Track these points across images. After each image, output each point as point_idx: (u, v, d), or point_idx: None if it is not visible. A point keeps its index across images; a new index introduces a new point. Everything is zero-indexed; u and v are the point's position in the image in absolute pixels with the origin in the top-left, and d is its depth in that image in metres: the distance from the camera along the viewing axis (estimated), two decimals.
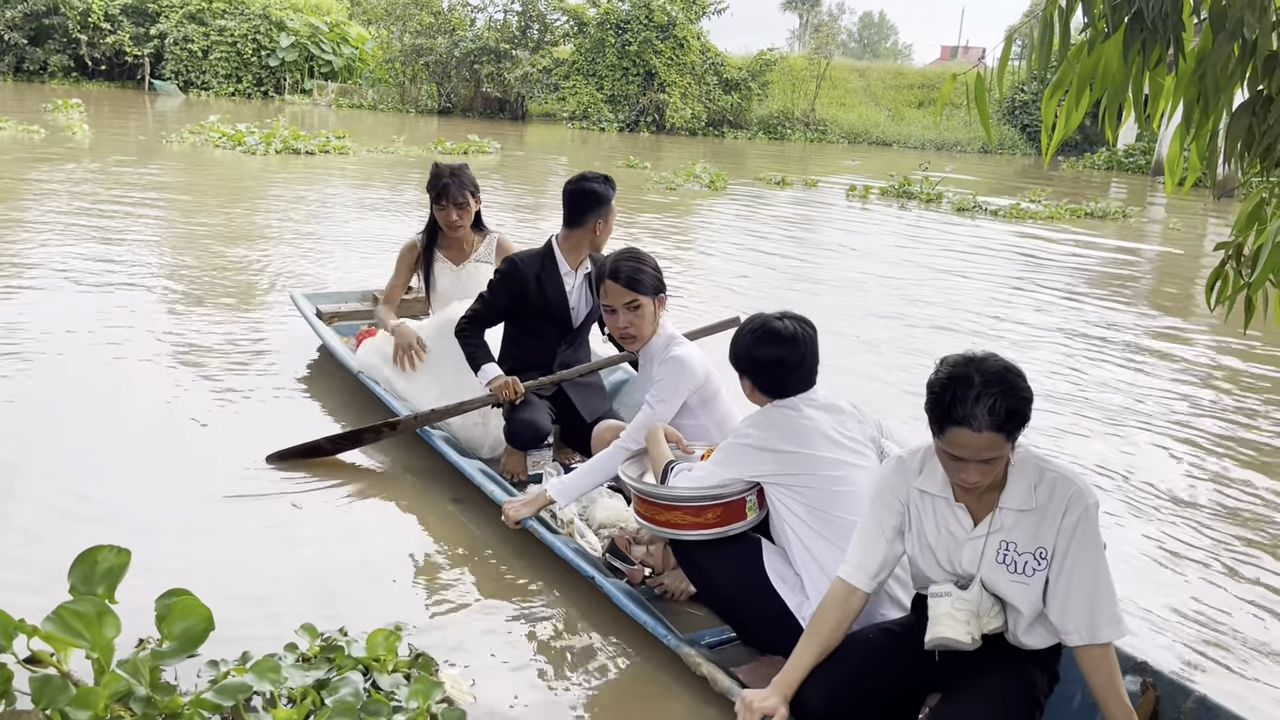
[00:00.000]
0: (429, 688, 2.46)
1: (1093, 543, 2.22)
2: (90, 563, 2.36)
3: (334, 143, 16.52)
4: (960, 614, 2.27)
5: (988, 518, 2.28)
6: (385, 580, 3.26)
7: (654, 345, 3.46)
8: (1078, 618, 2.21)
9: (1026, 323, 7.78)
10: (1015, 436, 2.17)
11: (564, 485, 3.37)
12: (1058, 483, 2.23)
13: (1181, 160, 2.47)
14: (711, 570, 2.80)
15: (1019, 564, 2.26)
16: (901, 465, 2.41)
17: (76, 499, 3.57)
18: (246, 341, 5.61)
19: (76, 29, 30.30)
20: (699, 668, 2.63)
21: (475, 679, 2.70)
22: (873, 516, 2.43)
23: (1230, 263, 2.57)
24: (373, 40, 32.72)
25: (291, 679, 2.43)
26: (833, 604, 2.40)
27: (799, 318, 2.83)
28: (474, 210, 4.69)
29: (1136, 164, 27.91)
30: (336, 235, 9.20)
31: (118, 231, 8.47)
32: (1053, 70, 2.26)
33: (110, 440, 4.13)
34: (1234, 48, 2.14)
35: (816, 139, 31.90)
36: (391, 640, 2.63)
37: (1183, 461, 4.86)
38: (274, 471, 3.99)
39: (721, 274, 8.86)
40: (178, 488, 3.76)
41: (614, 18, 30.23)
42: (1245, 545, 3.95)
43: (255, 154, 15.34)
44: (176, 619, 2.36)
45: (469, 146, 18.43)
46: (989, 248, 11.69)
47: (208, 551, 3.31)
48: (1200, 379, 6.40)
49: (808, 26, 61.68)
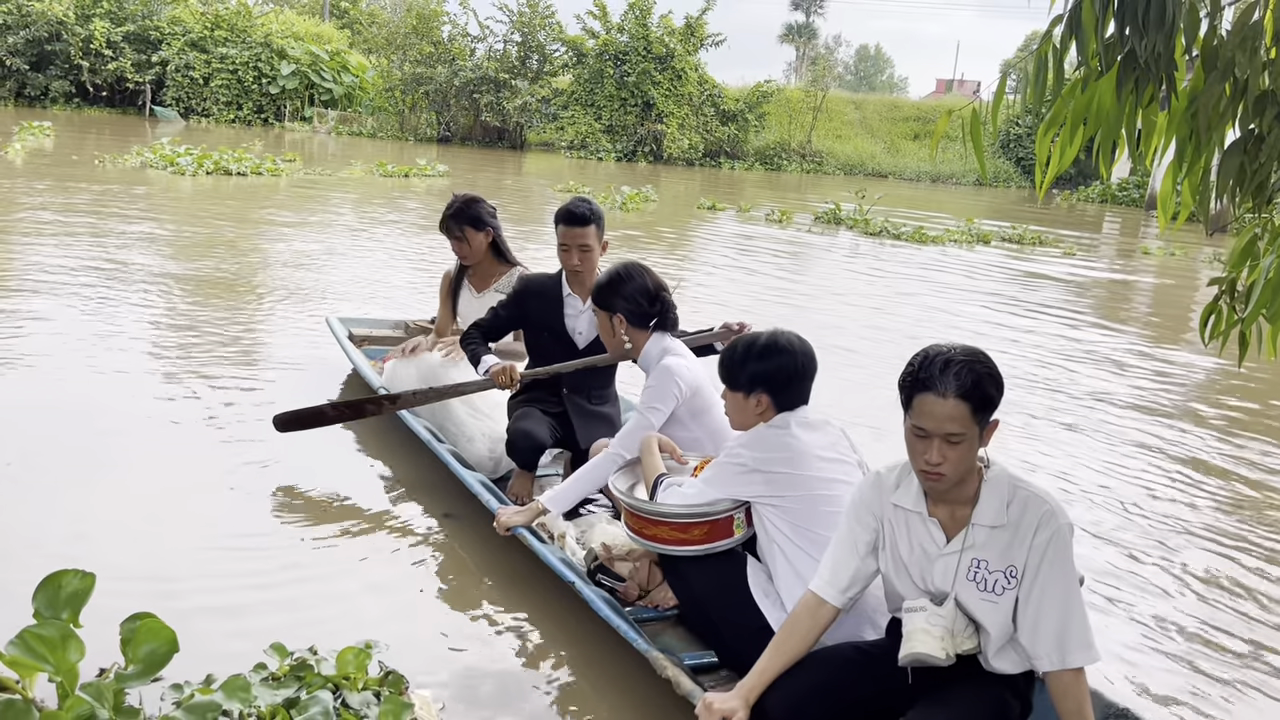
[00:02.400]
0: (399, 708, 2.46)
1: (1064, 564, 2.22)
2: (54, 587, 2.34)
3: (269, 165, 16.56)
4: (935, 629, 2.26)
5: (960, 534, 2.28)
6: (361, 597, 3.25)
7: (650, 354, 3.52)
8: (1048, 640, 2.20)
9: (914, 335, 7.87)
10: (983, 420, 2.18)
11: (555, 493, 3.41)
12: (1030, 501, 2.24)
13: (1174, 196, 2.50)
14: (694, 582, 2.82)
15: (989, 582, 2.26)
16: (878, 480, 2.42)
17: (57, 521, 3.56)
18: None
19: (78, 55, 30.52)
20: (665, 670, 2.62)
21: (445, 701, 2.70)
22: (847, 531, 2.44)
23: (1224, 298, 2.59)
24: (373, 69, 32.99)
25: (261, 698, 2.42)
26: (802, 615, 2.41)
27: (793, 333, 2.88)
28: (480, 241, 4.71)
29: (1130, 197, 28.16)
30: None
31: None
32: (1047, 106, 2.29)
33: (83, 457, 4.13)
34: (1225, 87, 2.18)
35: (813, 170, 32.13)
36: (361, 658, 2.61)
37: (1174, 498, 4.86)
38: (260, 481, 4.04)
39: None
40: (160, 506, 3.75)
41: (613, 49, 30.53)
42: (1235, 586, 3.94)
43: (184, 174, 15.41)
44: (141, 642, 2.34)
45: (410, 170, 18.68)
46: (887, 270, 11.93)
47: (183, 567, 3.31)
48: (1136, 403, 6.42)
49: (804, 59, 62.39)
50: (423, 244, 10.59)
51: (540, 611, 3.27)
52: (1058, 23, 2.18)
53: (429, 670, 2.86)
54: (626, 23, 30.66)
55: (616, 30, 30.75)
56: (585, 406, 4.10)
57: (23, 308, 6.49)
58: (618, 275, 3.55)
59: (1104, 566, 3.92)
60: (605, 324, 3.60)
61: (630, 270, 3.56)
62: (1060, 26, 2.18)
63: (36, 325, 6.11)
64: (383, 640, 2.74)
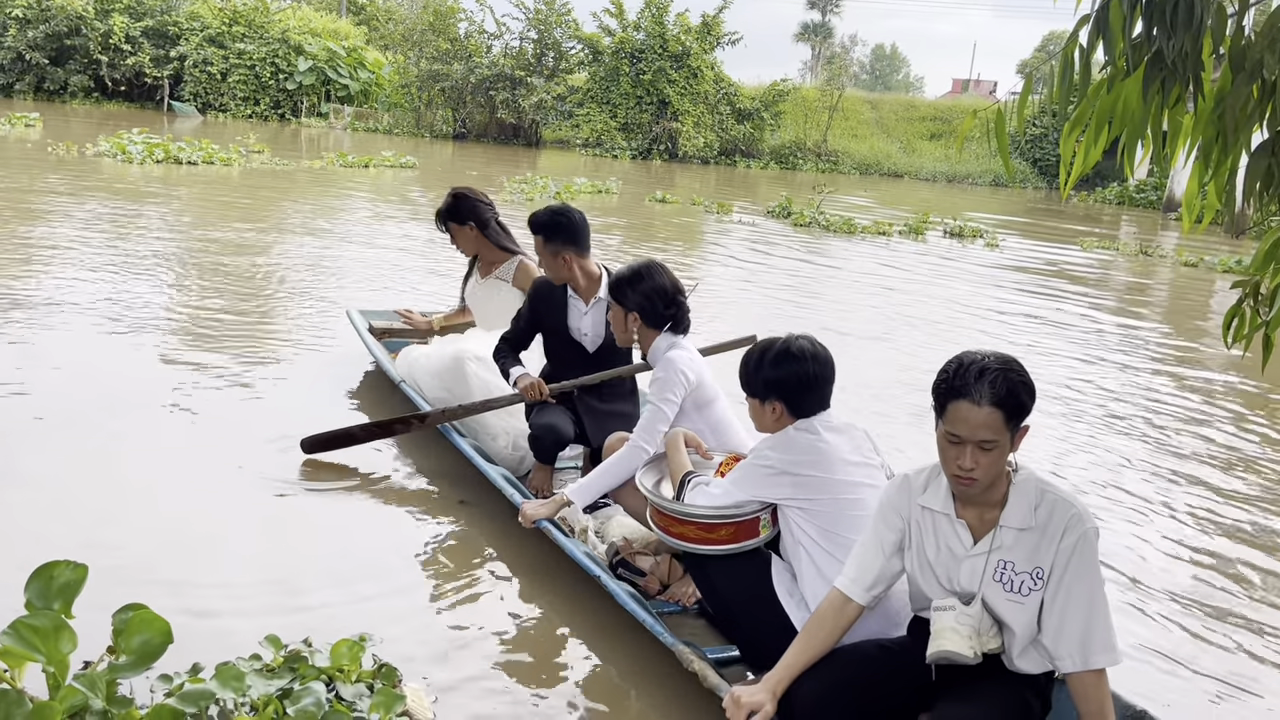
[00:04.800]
0: (391, 700, 2.47)
1: (1090, 567, 2.24)
2: (46, 577, 2.33)
3: (220, 155, 16.66)
4: (964, 629, 2.29)
5: (988, 535, 2.31)
6: (363, 590, 3.26)
7: (658, 349, 3.56)
8: (1071, 642, 2.23)
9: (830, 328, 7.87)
10: (1015, 426, 2.20)
11: (580, 486, 3.43)
12: (1058, 504, 2.26)
13: (1199, 198, 2.48)
14: (718, 581, 2.84)
15: (1015, 583, 2.28)
16: (906, 482, 2.45)
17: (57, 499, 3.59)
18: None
19: (98, 50, 30.72)
20: (691, 664, 2.66)
21: (438, 694, 2.71)
22: (873, 531, 2.47)
23: (1247, 301, 2.57)
24: (389, 65, 33.06)
25: (255, 687, 2.43)
26: (828, 612, 2.45)
27: (811, 338, 2.87)
28: (467, 234, 4.91)
29: (1148, 199, 27.97)
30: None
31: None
32: (1072, 106, 2.28)
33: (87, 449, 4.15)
34: (1253, 88, 2.16)
35: (828, 169, 32.04)
36: (355, 651, 2.63)
37: (1197, 511, 4.83)
38: (278, 472, 4.06)
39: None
40: (179, 488, 3.78)
41: (629, 47, 30.52)
42: (1257, 592, 3.92)
43: (132, 163, 15.50)
44: (134, 633, 2.34)
45: (370, 160, 18.89)
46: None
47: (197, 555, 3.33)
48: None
49: (820, 58, 62.27)
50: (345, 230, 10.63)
51: (563, 603, 3.29)
52: (1085, 22, 2.17)
53: (425, 661, 2.86)
54: (643, 20, 30.65)
55: (633, 28, 30.75)
56: (596, 406, 4.13)
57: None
58: (637, 273, 3.56)
59: (1126, 562, 3.91)
60: (619, 317, 3.62)
61: (650, 269, 3.57)
62: (1087, 26, 2.17)
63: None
64: (378, 633, 2.76)
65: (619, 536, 3.54)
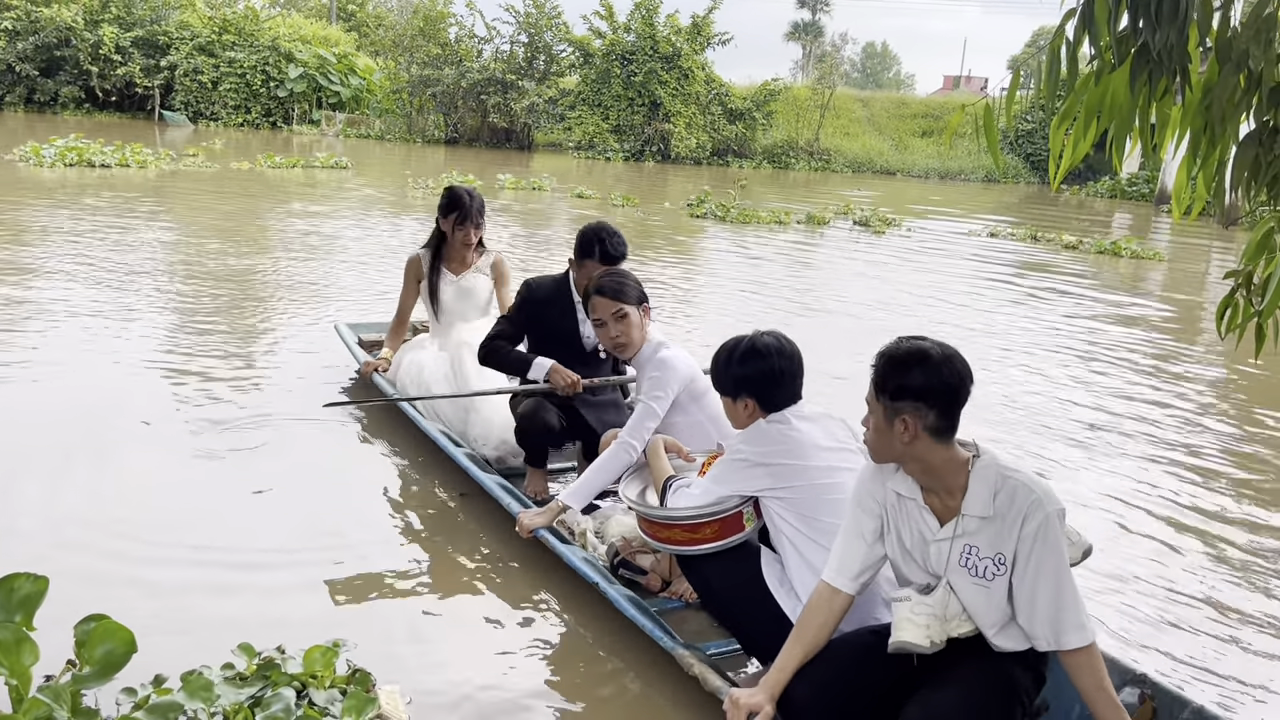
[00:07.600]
0: (363, 703, 2.46)
1: (1054, 550, 2.25)
2: (7, 590, 2.32)
3: (135, 158, 16.59)
4: (919, 618, 2.32)
5: (953, 521, 2.34)
6: (339, 597, 3.27)
7: (644, 352, 3.62)
8: (1043, 624, 2.26)
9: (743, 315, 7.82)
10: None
11: (573, 489, 3.46)
12: (1018, 490, 2.27)
13: (1189, 189, 2.49)
14: (711, 579, 2.86)
15: (980, 568, 2.31)
16: (879, 468, 2.46)
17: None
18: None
19: (88, 61, 30.63)
20: (691, 668, 2.68)
21: (412, 695, 2.70)
22: (853, 519, 2.50)
23: (1240, 291, 2.58)
24: (380, 71, 33.00)
25: (225, 696, 2.42)
26: (817, 606, 2.47)
27: (776, 334, 2.90)
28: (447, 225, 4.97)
29: (1140, 192, 28.00)
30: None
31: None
32: (1060, 100, 2.29)
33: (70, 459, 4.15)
34: (1240, 79, 2.18)
35: (820, 168, 32.06)
36: (329, 656, 2.62)
37: (1187, 478, 4.85)
38: (262, 466, 4.05)
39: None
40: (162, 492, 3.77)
41: (619, 49, 30.50)
42: (1249, 556, 3.94)
43: (43, 166, 15.47)
44: (97, 644, 2.33)
45: (297, 161, 18.94)
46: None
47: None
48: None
49: (811, 57, 62.31)
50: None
51: (561, 603, 3.31)
52: (1070, 16, 2.18)
53: (400, 666, 2.86)
54: (633, 22, 30.62)
55: (623, 30, 30.72)
56: (588, 398, 4.17)
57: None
58: (622, 271, 3.74)
59: (1116, 540, 3.92)
60: (611, 317, 3.64)
61: (621, 269, 3.79)
62: (1073, 20, 2.18)
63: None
64: (353, 639, 2.76)
65: (618, 536, 3.55)
